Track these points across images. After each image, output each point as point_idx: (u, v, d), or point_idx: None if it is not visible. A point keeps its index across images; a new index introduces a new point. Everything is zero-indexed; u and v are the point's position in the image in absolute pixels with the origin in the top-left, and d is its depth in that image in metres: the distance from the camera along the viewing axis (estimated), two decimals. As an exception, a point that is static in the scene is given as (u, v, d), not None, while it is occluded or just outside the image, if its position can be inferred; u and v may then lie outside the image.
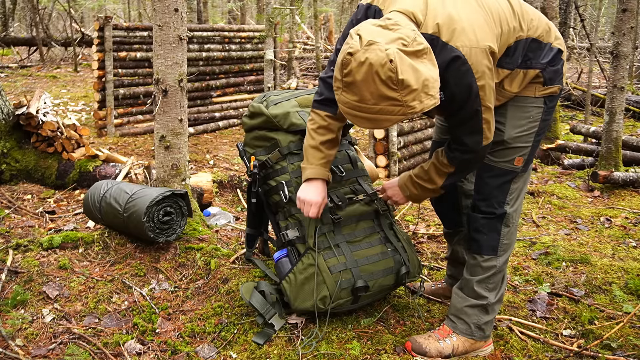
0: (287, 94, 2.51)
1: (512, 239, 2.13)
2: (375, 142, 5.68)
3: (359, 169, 2.46)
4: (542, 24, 2.00)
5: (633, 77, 11.55)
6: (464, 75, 1.78)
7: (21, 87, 9.24)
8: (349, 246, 2.27)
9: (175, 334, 2.27)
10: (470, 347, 2.15)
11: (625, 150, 5.27)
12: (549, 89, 2.01)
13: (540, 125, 2.05)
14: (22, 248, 2.75)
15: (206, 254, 2.75)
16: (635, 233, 3.62)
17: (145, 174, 3.83)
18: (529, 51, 1.96)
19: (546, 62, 1.97)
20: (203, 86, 7.66)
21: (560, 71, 2.03)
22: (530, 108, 2.02)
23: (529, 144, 2.04)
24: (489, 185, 2.08)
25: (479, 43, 1.78)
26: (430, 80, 1.62)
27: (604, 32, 20.64)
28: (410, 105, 1.62)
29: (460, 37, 1.76)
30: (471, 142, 1.94)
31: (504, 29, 1.89)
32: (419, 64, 1.61)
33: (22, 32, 15.74)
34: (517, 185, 2.09)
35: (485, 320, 2.13)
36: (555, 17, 6.54)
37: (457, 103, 1.84)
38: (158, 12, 2.80)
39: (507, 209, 2.08)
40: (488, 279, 2.11)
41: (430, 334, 2.16)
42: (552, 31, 2.02)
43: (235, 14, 19.00)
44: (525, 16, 1.96)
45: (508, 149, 2.03)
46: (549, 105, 2.04)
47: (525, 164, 2.07)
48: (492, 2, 1.93)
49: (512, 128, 2.02)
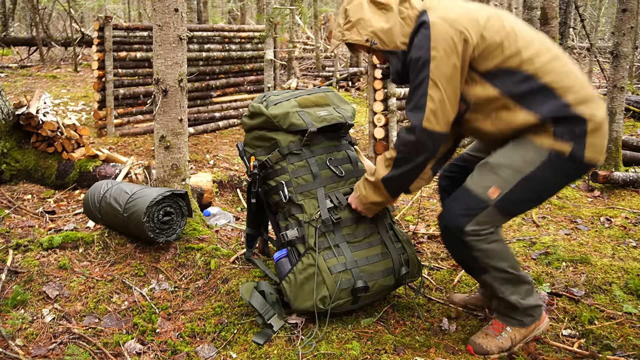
0: (287, 94, 2.51)
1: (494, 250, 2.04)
2: (375, 142, 5.68)
3: (359, 169, 2.46)
4: (574, 85, 1.89)
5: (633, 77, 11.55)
6: (422, 40, 1.90)
7: (21, 87, 9.23)
8: (349, 246, 2.27)
9: (175, 334, 2.27)
10: (527, 332, 2.14)
11: (625, 150, 5.27)
12: (557, 144, 1.87)
13: (536, 174, 1.89)
14: (22, 248, 2.75)
15: (206, 254, 2.75)
16: (635, 233, 3.62)
17: (145, 174, 3.83)
18: (533, 92, 1.90)
19: (554, 116, 1.87)
20: (203, 86, 7.66)
21: (580, 138, 1.86)
22: (530, 150, 1.91)
23: (511, 181, 1.91)
24: (457, 196, 2.03)
25: (452, 23, 1.88)
26: (365, 22, 2.01)
27: (604, 32, 20.64)
28: (343, 33, 2.07)
29: (437, 11, 1.94)
30: (413, 118, 1.92)
31: (499, 40, 1.89)
32: (370, 10, 2.02)
33: (22, 32, 15.74)
34: (485, 222, 1.95)
35: (528, 305, 2.10)
36: (555, 17, 6.54)
37: (410, 67, 1.95)
38: (158, 12, 2.80)
39: (467, 238, 1.96)
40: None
41: (487, 332, 2.15)
42: (586, 101, 1.88)
43: (235, 14, 19.00)
44: (544, 58, 1.91)
45: (487, 172, 1.96)
46: (554, 164, 1.88)
47: (499, 203, 1.93)
48: (520, 23, 1.99)
49: (501, 155, 1.96)
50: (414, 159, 1.99)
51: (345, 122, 2.46)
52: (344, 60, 13.49)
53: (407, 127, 1.95)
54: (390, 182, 2.08)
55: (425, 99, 1.89)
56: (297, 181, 2.33)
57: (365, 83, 10.80)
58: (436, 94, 1.88)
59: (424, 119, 1.90)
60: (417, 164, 2.01)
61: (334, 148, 2.44)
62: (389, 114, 5.62)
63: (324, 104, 2.50)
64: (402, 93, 5.74)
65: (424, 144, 1.94)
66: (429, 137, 1.92)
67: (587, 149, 1.88)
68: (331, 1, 23.13)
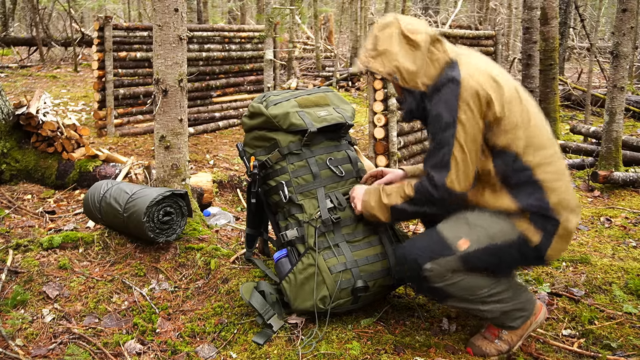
0: (287, 94, 2.51)
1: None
2: (375, 142, 5.68)
3: (359, 169, 2.46)
4: (561, 188, 1.94)
5: (633, 77, 11.56)
6: (450, 97, 1.89)
7: (21, 87, 9.23)
8: (349, 246, 2.27)
9: (175, 334, 2.27)
10: (523, 331, 2.14)
11: (625, 150, 5.27)
12: (530, 230, 1.93)
13: (503, 248, 1.95)
14: (22, 248, 2.75)
15: (206, 254, 2.75)
16: (635, 233, 3.62)
17: (145, 174, 3.83)
18: (524, 184, 1.93)
19: (533, 211, 1.93)
20: (203, 86, 7.66)
21: (549, 235, 1.93)
22: (507, 226, 1.96)
23: (482, 242, 1.96)
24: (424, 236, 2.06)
25: (483, 85, 1.89)
26: (391, 55, 2.01)
27: (604, 32, 20.64)
28: (368, 60, 2.07)
29: (469, 68, 1.93)
30: (437, 176, 1.93)
31: (515, 121, 1.92)
32: (398, 43, 2.01)
33: (22, 32, 15.73)
34: (443, 266, 1.96)
35: (514, 308, 2.09)
36: (555, 17, 6.54)
37: (434, 121, 1.92)
38: (158, 12, 2.80)
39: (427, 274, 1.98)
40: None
41: (485, 335, 2.16)
42: (565, 207, 1.94)
43: (235, 14, 19.00)
44: (547, 152, 1.94)
45: (463, 224, 2.00)
46: (521, 247, 1.95)
47: (465, 256, 1.95)
48: (533, 104, 2.01)
49: (479, 217, 1.99)
50: (428, 207, 2.02)
51: (345, 122, 2.45)
52: (344, 60, 13.49)
53: (432, 182, 1.94)
54: (399, 212, 2.09)
55: (449, 158, 1.90)
56: (297, 181, 2.33)
57: (365, 83, 10.80)
58: (460, 155, 1.89)
59: (448, 178, 1.91)
60: (428, 211, 2.04)
61: (334, 148, 2.44)
62: (389, 114, 5.62)
63: (323, 104, 2.50)
64: (402, 93, 5.73)
65: (444, 200, 1.96)
66: (450, 196, 1.94)
67: (551, 247, 1.97)
68: (331, 1, 23.13)
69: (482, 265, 2.00)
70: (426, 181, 1.97)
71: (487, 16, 14.88)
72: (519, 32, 13.38)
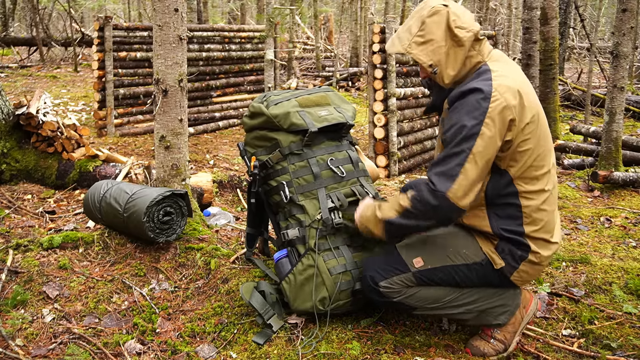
0: (287, 94, 2.51)
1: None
2: (375, 142, 5.68)
3: (360, 169, 2.46)
4: (542, 222, 1.94)
5: (633, 77, 11.56)
6: (476, 109, 1.82)
7: (21, 87, 9.23)
8: (349, 248, 2.27)
9: (175, 334, 2.27)
10: (514, 326, 2.13)
11: (625, 150, 5.27)
12: (494, 255, 1.95)
13: (462, 269, 1.97)
14: (22, 248, 2.75)
15: (206, 254, 2.75)
16: (635, 233, 3.62)
17: (145, 174, 3.83)
18: (506, 208, 1.94)
19: (504, 236, 1.93)
20: (203, 86, 7.66)
21: (516, 261, 1.94)
22: (471, 247, 1.98)
23: (438, 261, 1.97)
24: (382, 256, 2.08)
25: (510, 102, 1.84)
26: (436, 47, 1.93)
27: (604, 32, 20.65)
28: (411, 44, 1.97)
29: (499, 78, 1.87)
30: (439, 184, 1.82)
31: (526, 147, 1.90)
32: (444, 37, 1.93)
33: (22, 32, 15.74)
34: (398, 284, 2.00)
35: (491, 306, 2.08)
36: (555, 17, 6.54)
37: (453, 128, 1.85)
38: (158, 12, 2.80)
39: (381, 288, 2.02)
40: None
41: (481, 336, 2.16)
42: (540, 240, 1.95)
43: (235, 14, 19.00)
44: (542, 183, 1.93)
45: (420, 242, 2.01)
46: (485, 268, 1.96)
47: (418, 273, 1.98)
48: (546, 126, 1.98)
49: (442, 233, 2.00)
50: (423, 221, 1.91)
51: (346, 122, 2.45)
52: (344, 60, 13.49)
53: (431, 187, 1.83)
54: (391, 226, 1.98)
55: (459, 170, 1.81)
56: (298, 181, 2.32)
57: (365, 83, 10.80)
58: (472, 170, 1.81)
59: (451, 189, 1.81)
60: (422, 226, 1.95)
61: (335, 148, 2.44)
62: (389, 114, 5.61)
63: (324, 103, 2.50)
64: (402, 93, 5.74)
65: (441, 212, 1.85)
66: (449, 209, 1.83)
67: (518, 272, 1.98)
68: (331, 1, 23.13)
69: (438, 281, 2.01)
70: (425, 188, 1.85)
71: (487, 16, 14.89)
72: (518, 32, 13.39)
